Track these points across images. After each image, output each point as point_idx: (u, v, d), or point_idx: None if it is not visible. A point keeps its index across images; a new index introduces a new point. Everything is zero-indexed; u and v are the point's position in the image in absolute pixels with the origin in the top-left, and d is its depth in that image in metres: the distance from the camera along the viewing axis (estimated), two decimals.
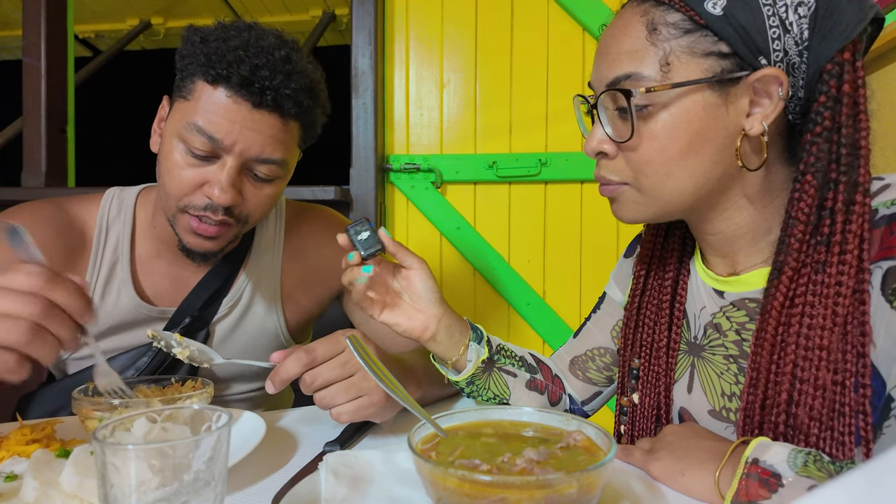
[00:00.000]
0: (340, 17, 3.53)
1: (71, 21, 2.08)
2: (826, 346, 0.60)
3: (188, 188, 0.86)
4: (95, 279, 0.97)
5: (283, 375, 0.73)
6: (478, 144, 1.95)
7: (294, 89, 0.85)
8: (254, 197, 0.90)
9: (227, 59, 0.82)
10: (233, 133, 0.84)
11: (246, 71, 0.82)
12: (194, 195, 0.87)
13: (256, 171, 0.88)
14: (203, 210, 0.87)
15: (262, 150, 0.86)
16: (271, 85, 0.83)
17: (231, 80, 0.82)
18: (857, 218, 0.60)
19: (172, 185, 0.87)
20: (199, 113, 0.84)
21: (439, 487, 0.50)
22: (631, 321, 0.84)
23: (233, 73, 0.82)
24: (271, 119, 0.85)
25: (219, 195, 0.85)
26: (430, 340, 0.82)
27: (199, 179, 0.86)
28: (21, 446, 0.69)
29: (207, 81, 0.84)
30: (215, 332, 1.03)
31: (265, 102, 0.84)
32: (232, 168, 0.85)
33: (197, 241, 0.90)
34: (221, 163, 0.85)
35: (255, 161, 0.87)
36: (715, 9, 0.61)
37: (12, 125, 2.68)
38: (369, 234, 0.78)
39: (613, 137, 0.68)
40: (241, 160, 0.86)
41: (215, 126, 0.83)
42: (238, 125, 0.84)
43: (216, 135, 0.83)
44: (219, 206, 0.86)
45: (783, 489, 0.53)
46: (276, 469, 0.69)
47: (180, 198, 0.87)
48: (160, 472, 0.42)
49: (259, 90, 0.83)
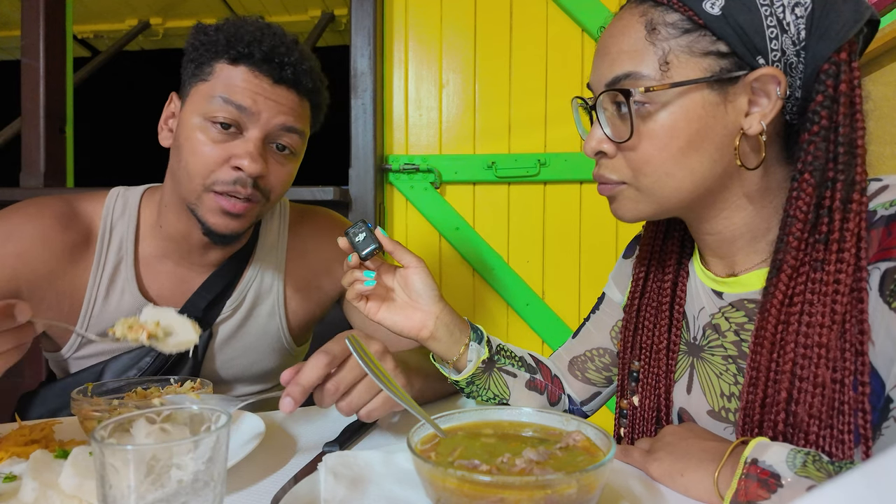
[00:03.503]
0: (339, 17, 3.53)
1: (69, 21, 2.08)
2: (825, 344, 0.60)
3: (214, 164, 0.88)
4: (99, 278, 0.97)
5: (305, 383, 0.69)
6: (477, 145, 1.95)
7: (308, 67, 0.91)
8: (276, 172, 0.92)
9: (245, 39, 0.87)
10: (258, 103, 0.87)
11: (267, 47, 0.87)
12: (221, 171, 0.88)
13: (280, 141, 0.91)
14: (232, 184, 0.88)
15: (286, 120, 0.90)
16: (290, 61, 0.88)
17: (253, 56, 0.87)
18: (854, 216, 0.60)
19: (197, 163, 0.88)
20: (224, 87, 0.87)
21: (439, 488, 0.50)
22: (630, 323, 0.84)
23: (254, 49, 0.87)
24: (290, 94, 0.90)
25: (249, 165, 0.87)
26: (430, 338, 0.82)
27: (225, 154, 0.88)
28: (20, 447, 0.68)
29: (228, 61, 0.88)
30: (218, 334, 1.03)
31: (285, 77, 0.89)
32: (258, 139, 0.88)
33: (223, 221, 0.90)
34: (247, 136, 0.88)
35: (281, 130, 0.90)
36: (713, 9, 0.61)
37: (11, 125, 2.67)
38: (366, 235, 0.78)
39: (613, 137, 0.68)
40: (266, 130, 0.89)
41: (241, 96, 0.87)
42: (262, 97, 0.88)
43: (244, 103, 0.87)
44: (248, 179, 0.88)
45: (782, 489, 0.53)
46: (275, 470, 0.69)
47: (207, 175, 0.88)
48: (159, 472, 0.42)
49: (279, 65, 0.88)
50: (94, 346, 0.98)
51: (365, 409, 0.73)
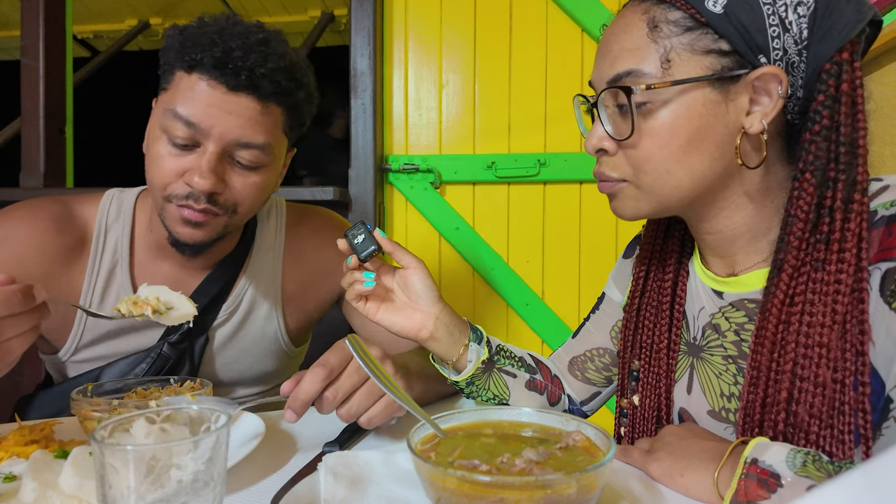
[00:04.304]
0: (339, 17, 3.54)
1: (69, 21, 2.08)
2: (826, 344, 0.60)
3: (170, 177, 0.85)
4: (94, 282, 0.96)
5: (304, 397, 0.70)
6: (476, 145, 1.95)
7: (270, 69, 0.83)
8: (239, 185, 0.88)
9: (200, 44, 0.82)
10: (210, 116, 0.82)
11: (219, 53, 0.81)
12: (176, 184, 0.86)
13: (239, 158, 0.86)
14: (185, 199, 0.85)
15: (242, 134, 0.84)
16: (245, 66, 0.82)
17: (205, 63, 0.81)
18: (855, 216, 0.60)
19: (155, 175, 0.86)
20: (177, 100, 0.83)
21: (438, 488, 0.50)
22: (630, 323, 0.84)
23: (206, 55, 0.81)
24: (248, 101, 0.84)
25: (198, 181, 0.83)
26: (430, 339, 0.82)
27: (181, 168, 0.85)
28: (20, 447, 0.68)
29: (184, 69, 0.84)
30: (214, 338, 1.03)
31: (240, 84, 0.82)
32: (212, 154, 0.84)
33: (186, 231, 0.88)
34: (202, 150, 0.84)
35: (236, 146, 0.85)
36: (716, 7, 0.61)
37: (11, 126, 2.68)
38: (365, 236, 0.78)
39: (614, 135, 0.68)
40: (221, 145, 0.84)
41: (192, 110, 0.82)
42: (215, 108, 0.82)
43: (193, 119, 0.82)
44: (200, 194, 0.85)
45: (782, 489, 0.53)
46: (275, 470, 0.69)
47: (164, 188, 0.86)
48: (159, 473, 0.42)
49: (233, 71, 0.81)
50: (92, 350, 0.98)
51: (365, 416, 0.73)
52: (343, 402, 0.72)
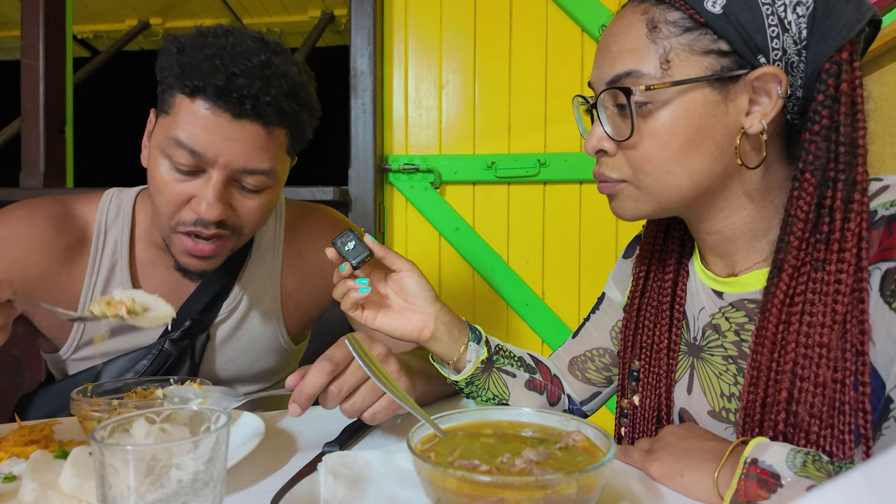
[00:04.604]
0: (339, 17, 3.53)
1: (69, 21, 2.08)
2: (826, 344, 0.60)
3: (176, 205, 0.84)
4: (94, 281, 0.96)
5: (309, 391, 0.69)
6: (476, 145, 1.95)
7: (274, 95, 0.81)
8: (244, 208, 0.88)
9: (202, 70, 0.79)
10: (214, 146, 0.81)
11: (222, 81, 0.78)
12: (183, 211, 0.85)
13: (244, 183, 0.86)
14: (193, 225, 0.85)
15: (248, 162, 0.83)
16: (250, 94, 0.79)
17: (207, 91, 0.79)
18: (855, 216, 0.60)
19: (161, 202, 0.85)
20: (180, 127, 0.81)
21: (438, 488, 0.50)
22: (631, 323, 0.84)
23: (209, 83, 0.79)
24: (254, 129, 0.82)
25: (206, 210, 0.82)
26: (431, 339, 0.82)
27: (187, 195, 0.84)
28: (19, 447, 0.68)
29: (185, 94, 0.81)
30: (216, 336, 1.03)
31: (245, 112, 0.80)
32: (218, 182, 0.82)
33: (193, 262, 0.88)
34: (207, 176, 0.83)
35: (242, 172, 0.84)
36: (715, 7, 0.61)
37: (11, 126, 2.68)
38: (355, 243, 0.77)
39: (613, 136, 0.68)
40: (227, 173, 0.83)
41: (196, 140, 0.80)
42: (219, 137, 0.81)
43: (197, 148, 0.81)
44: (208, 221, 0.84)
45: (782, 489, 0.53)
46: (275, 470, 0.69)
47: (171, 215, 0.85)
48: (159, 473, 0.42)
49: (237, 100, 0.79)
50: (93, 348, 0.98)
51: (369, 411, 0.73)
52: (347, 397, 0.72)
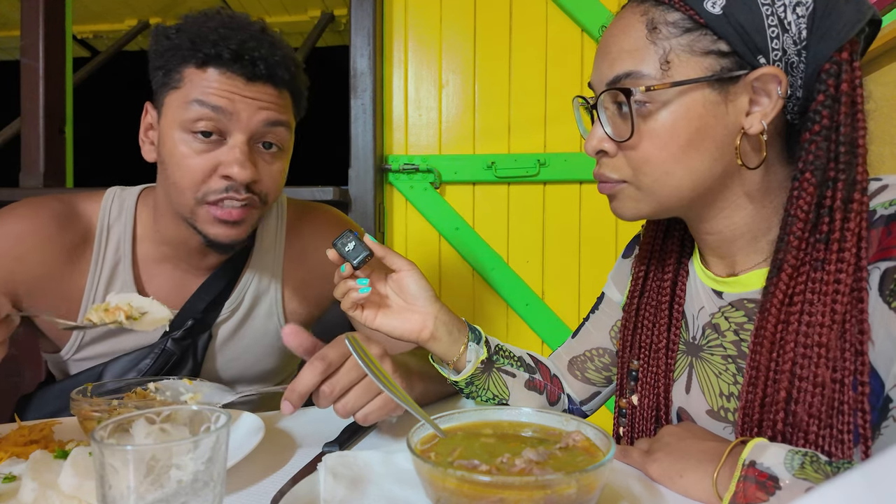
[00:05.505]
0: (339, 17, 3.53)
1: (69, 21, 2.08)
2: (825, 344, 0.60)
3: (202, 175, 0.85)
4: (97, 280, 0.96)
5: (301, 389, 0.70)
6: (476, 145, 1.95)
7: (282, 56, 0.86)
8: (267, 174, 0.90)
9: (210, 39, 0.83)
10: (235, 102, 0.84)
11: (235, 45, 0.82)
12: (211, 181, 0.86)
13: (266, 139, 0.88)
14: (225, 193, 0.86)
15: (269, 116, 0.86)
16: (261, 55, 0.84)
17: (222, 57, 0.82)
18: (855, 216, 0.60)
19: (185, 178, 0.86)
20: (196, 92, 0.84)
21: (438, 488, 0.50)
22: (630, 322, 0.84)
23: (222, 50, 0.82)
24: (267, 89, 0.86)
25: (238, 172, 0.84)
26: (431, 339, 0.81)
27: (212, 164, 0.85)
28: (19, 447, 0.69)
29: (196, 66, 0.84)
30: (218, 335, 1.03)
31: (258, 74, 0.84)
32: (243, 143, 0.85)
33: (223, 231, 0.88)
34: (232, 142, 0.85)
35: (265, 127, 0.87)
36: (714, 8, 0.61)
37: (10, 126, 2.67)
38: (355, 243, 0.78)
39: (613, 136, 0.68)
40: (250, 132, 0.86)
41: (216, 99, 0.83)
42: (238, 97, 0.84)
43: (219, 103, 0.83)
44: (240, 185, 0.85)
45: (780, 492, 0.53)
46: (274, 470, 0.69)
47: (197, 188, 0.86)
48: (159, 473, 0.42)
49: (251, 62, 0.83)
50: (94, 348, 0.98)
51: (361, 412, 0.73)
52: (340, 397, 0.72)
